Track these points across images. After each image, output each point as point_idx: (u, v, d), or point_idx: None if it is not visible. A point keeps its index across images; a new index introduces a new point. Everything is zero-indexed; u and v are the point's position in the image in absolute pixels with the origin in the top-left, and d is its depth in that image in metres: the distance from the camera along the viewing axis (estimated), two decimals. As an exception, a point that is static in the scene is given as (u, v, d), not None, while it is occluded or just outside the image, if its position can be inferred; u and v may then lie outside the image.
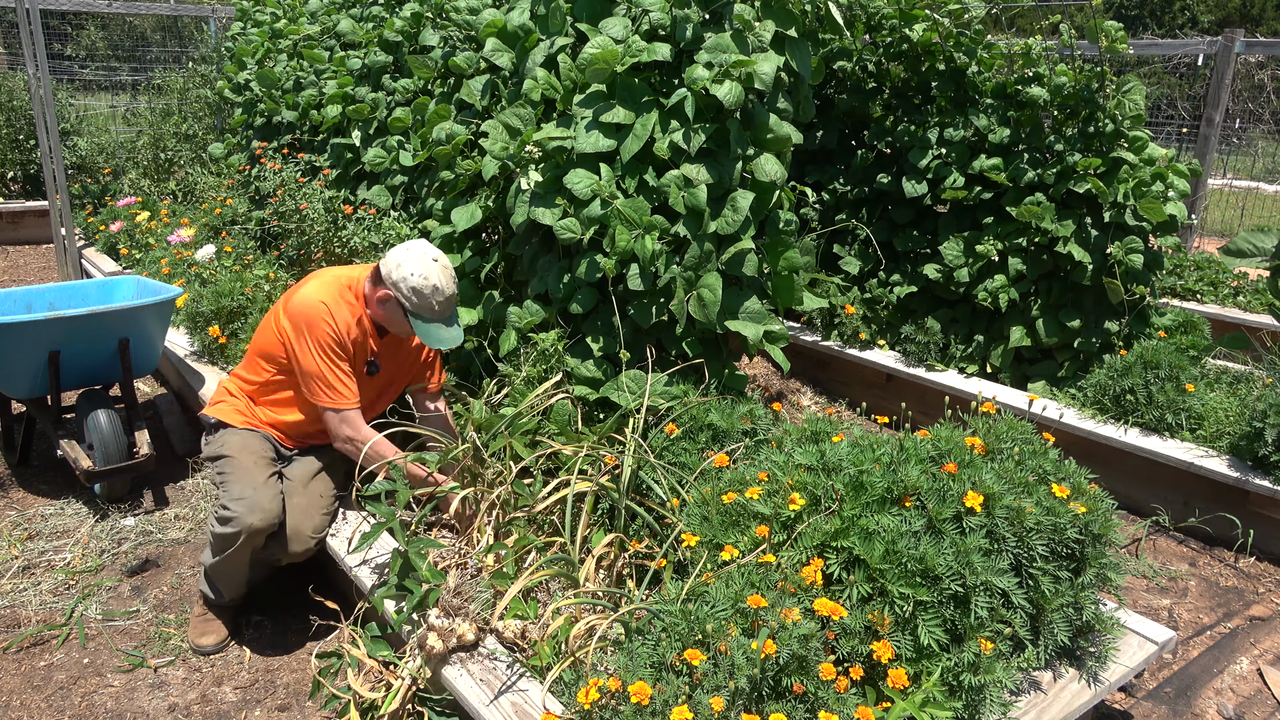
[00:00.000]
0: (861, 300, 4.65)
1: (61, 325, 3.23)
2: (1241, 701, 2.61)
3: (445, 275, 2.62)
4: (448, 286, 2.61)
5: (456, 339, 2.65)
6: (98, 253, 6.21)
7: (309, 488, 2.68)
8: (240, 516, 2.43)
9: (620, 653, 1.93)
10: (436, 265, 2.61)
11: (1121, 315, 4.06)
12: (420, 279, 2.57)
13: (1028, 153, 4.25)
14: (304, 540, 2.58)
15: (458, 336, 2.66)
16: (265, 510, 2.46)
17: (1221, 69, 6.11)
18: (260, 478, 2.55)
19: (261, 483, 2.53)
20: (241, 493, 2.48)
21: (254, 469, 2.58)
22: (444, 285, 2.60)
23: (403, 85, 4.52)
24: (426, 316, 2.61)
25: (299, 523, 2.58)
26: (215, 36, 9.05)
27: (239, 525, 2.43)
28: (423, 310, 2.60)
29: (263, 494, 2.49)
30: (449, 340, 2.64)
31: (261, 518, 2.44)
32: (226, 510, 2.46)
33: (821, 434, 2.39)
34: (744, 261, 2.96)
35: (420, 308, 2.59)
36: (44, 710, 2.42)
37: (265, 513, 2.45)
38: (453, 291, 2.63)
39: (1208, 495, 3.44)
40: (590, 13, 3.15)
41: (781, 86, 3.18)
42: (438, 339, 2.62)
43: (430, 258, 2.60)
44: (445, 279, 2.61)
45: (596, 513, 2.55)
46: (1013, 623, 1.97)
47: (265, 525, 2.46)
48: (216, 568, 2.56)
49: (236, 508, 2.44)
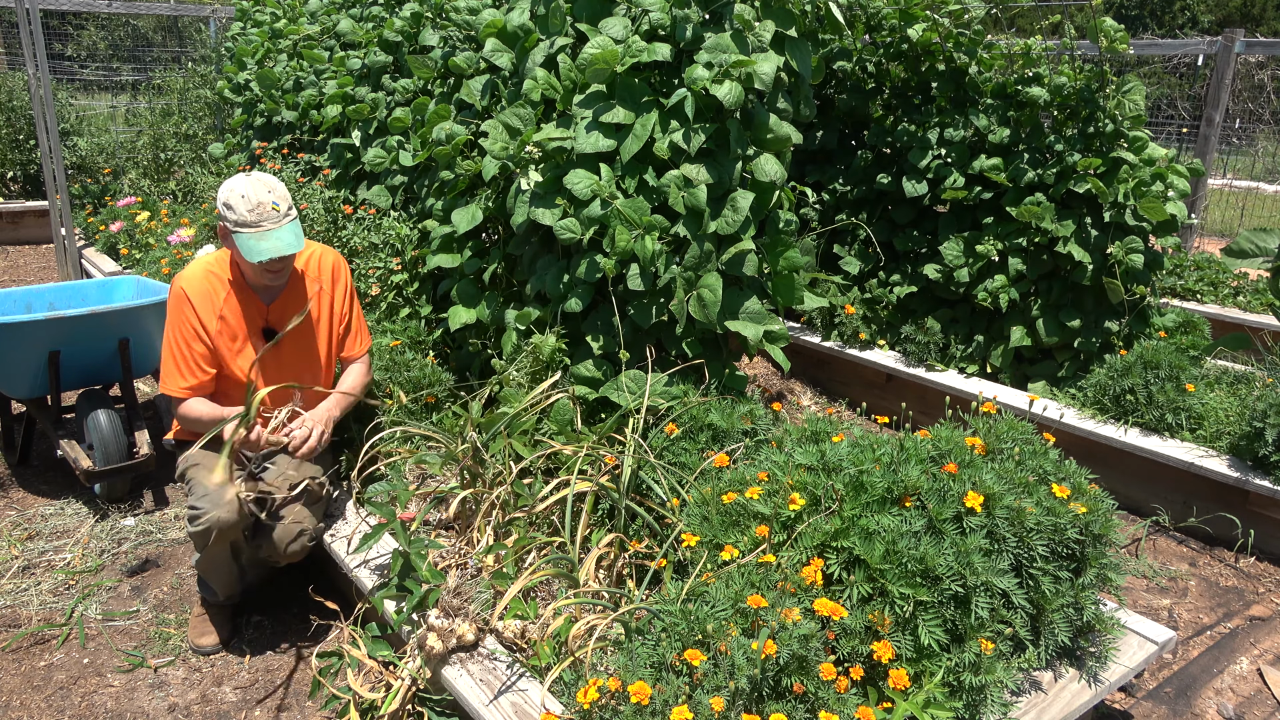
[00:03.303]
0: (861, 300, 4.65)
1: (61, 325, 3.23)
2: (1241, 701, 2.61)
3: (254, 184, 2.52)
4: (256, 193, 2.50)
5: (280, 246, 2.50)
6: (98, 253, 6.21)
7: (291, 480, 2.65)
8: (206, 511, 2.42)
9: (620, 653, 1.93)
10: (248, 178, 2.53)
11: (1122, 315, 4.06)
12: (227, 192, 2.50)
13: (1028, 153, 4.25)
14: (299, 540, 2.56)
15: (280, 244, 2.50)
16: (228, 506, 2.44)
17: (1221, 69, 6.11)
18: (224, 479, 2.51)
19: (223, 484, 2.49)
20: (205, 489, 2.46)
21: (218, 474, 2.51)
22: (251, 192, 2.49)
23: (403, 85, 4.52)
24: (245, 232, 2.49)
25: (291, 527, 2.55)
26: (215, 36, 9.04)
27: (208, 521, 2.42)
28: (240, 226, 2.49)
29: (225, 492, 2.46)
30: (269, 250, 2.48)
31: (228, 510, 2.43)
32: (193, 509, 2.46)
33: (821, 434, 2.39)
34: (744, 261, 2.96)
35: (238, 224, 2.49)
36: (44, 710, 2.42)
37: (228, 507, 2.43)
38: (264, 199, 2.51)
39: (1208, 495, 3.43)
40: (590, 13, 3.15)
41: (781, 86, 3.18)
42: (258, 250, 2.48)
43: (244, 174, 2.55)
44: (253, 187, 2.51)
45: (596, 513, 2.55)
46: (1013, 623, 1.97)
47: (232, 517, 2.44)
48: (202, 565, 2.56)
49: (202, 504, 2.44)
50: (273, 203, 2.53)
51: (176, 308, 2.63)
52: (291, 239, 2.53)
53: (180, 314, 2.62)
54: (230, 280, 2.68)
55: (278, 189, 2.56)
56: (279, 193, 2.56)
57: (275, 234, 2.51)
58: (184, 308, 2.62)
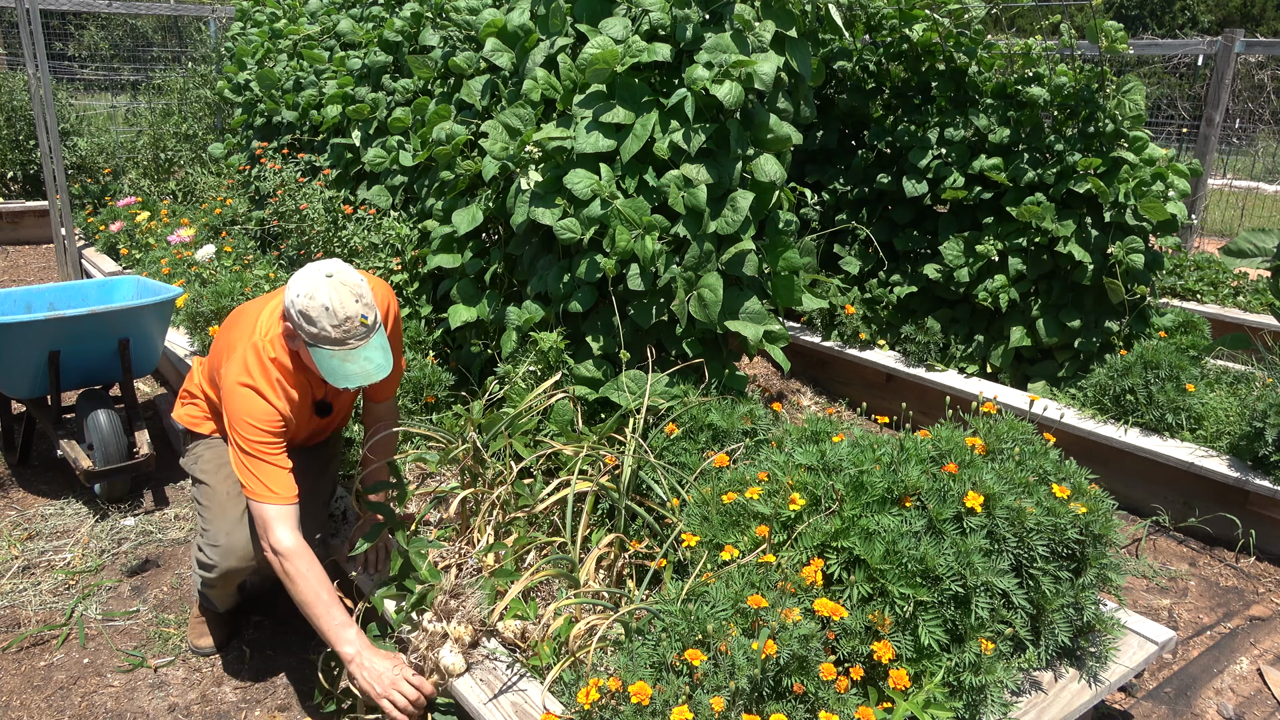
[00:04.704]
0: (861, 300, 4.65)
1: (61, 325, 3.23)
2: (1241, 701, 2.61)
3: (340, 293, 2.11)
4: (343, 306, 2.10)
5: (370, 372, 2.15)
6: (98, 253, 6.21)
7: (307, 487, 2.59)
8: (217, 563, 2.35)
9: (620, 653, 1.93)
10: (330, 283, 2.12)
11: (1122, 315, 4.06)
12: (306, 300, 2.10)
13: (1028, 153, 4.25)
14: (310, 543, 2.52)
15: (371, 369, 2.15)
16: (242, 554, 2.36)
17: (1221, 69, 6.11)
18: (238, 512, 2.40)
19: (238, 519, 2.39)
20: (216, 537, 2.36)
21: (230, 501, 2.42)
22: (337, 303, 2.10)
23: (403, 85, 4.52)
24: (325, 347, 2.12)
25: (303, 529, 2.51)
26: (215, 36, 9.04)
27: (217, 570, 2.36)
28: (320, 340, 2.12)
29: (238, 536, 2.35)
30: (357, 375, 2.14)
31: (238, 560, 2.35)
32: (203, 555, 2.37)
33: (822, 434, 2.39)
34: (744, 262, 2.96)
35: (316, 337, 2.11)
36: (44, 710, 2.42)
37: (242, 556, 2.36)
38: (352, 313, 2.12)
39: (1208, 495, 3.43)
40: (590, 13, 3.15)
41: (781, 86, 3.18)
42: (343, 375, 2.12)
43: (324, 273, 2.14)
44: (340, 296, 2.11)
45: (596, 513, 2.55)
46: (1013, 623, 1.97)
47: (243, 566, 2.38)
48: (204, 591, 2.53)
49: (213, 555, 2.35)
50: (361, 315, 2.13)
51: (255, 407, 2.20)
52: (381, 359, 2.17)
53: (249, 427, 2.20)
54: (286, 367, 2.29)
55: (365, 294, 2.16)
56: (366, 299, 2.15)
57: (363, 354, 2.15)
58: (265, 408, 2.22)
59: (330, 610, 2.10)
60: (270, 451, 2.20)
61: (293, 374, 2.30)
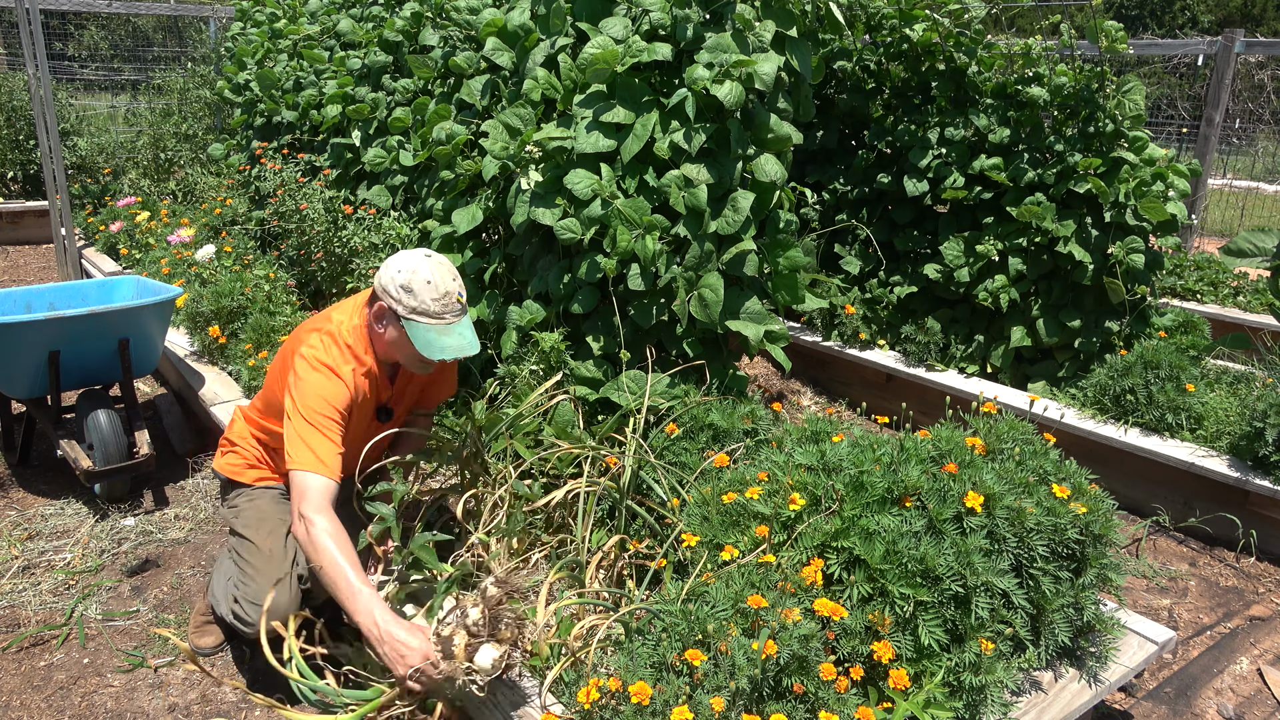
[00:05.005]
0: (862, 300, 4.65)
1: (61, 325, 3.23)
2: (1241, 701, 2.61)
3: (438, 268, 2.27)
4: (443, 281, 2.26)
5: (464, 347, 2.26)
6: (98, 253, 6.21)
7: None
8: (256, 622, 2.25)
9: (621, 653, 1.93)
10: (429, 260, 2.28)
11: (1122, 315, 4.06)
12: (409, 274, 2.23)
13: (1028, 153, 4.25)
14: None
15: (464, 344, 2.26)
16: (283, 614, 2.23)
17: (1221, 69, 6.11)
18: (279, 569, 2.33)
19: (279, 577, 2.30)
20: (257, 594, 2.28)
21: (273, 558, 2.36)
22: (438, 278, 2.25)
23: (403, 85, 4.52)
24: (422, 320, 2.24)
25: None
26: (215, 36, 9.04)
27: (253, 628, 2.28)
28: (418, 312, 2.23)
29: (282, 598, 2.26)
30: (454, 349, 2.24)
31: (278, 619, 2.25)
32: (240, 608, 2.30)
33: (822, 434, 2.39)
34: (744, 262, 2.96)
35: (415, 311, 2.23)
36: (44, 710, 2.42)
37: (283, 615, 2.23)
38: (451, 288, 2.27)
39: (1208, 495, 3.43)
40: (590, 11, 3.15)
41: (782, 86, 3.18)
42: (439, 347, 2.23)
43: (421, 254, 2.30)
44: (440, 273, 2.26)
45: (597, 512, 2.55)
46: (1013, 623, 1.97)
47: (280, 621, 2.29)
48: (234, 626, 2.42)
49: (252, 614, 2.28)
50: (458, 293, 2.28)
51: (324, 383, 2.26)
52: (471, 337, 2.28)
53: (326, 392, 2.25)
54: (360, 358, 2.36)
55: (458, 275, 2.32)
56: (459, 280, 2.32)
57: (458, 329, 2.26)
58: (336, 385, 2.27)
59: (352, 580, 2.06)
60: (329, 426, 2.23)
61: (365, 365, 2.36)
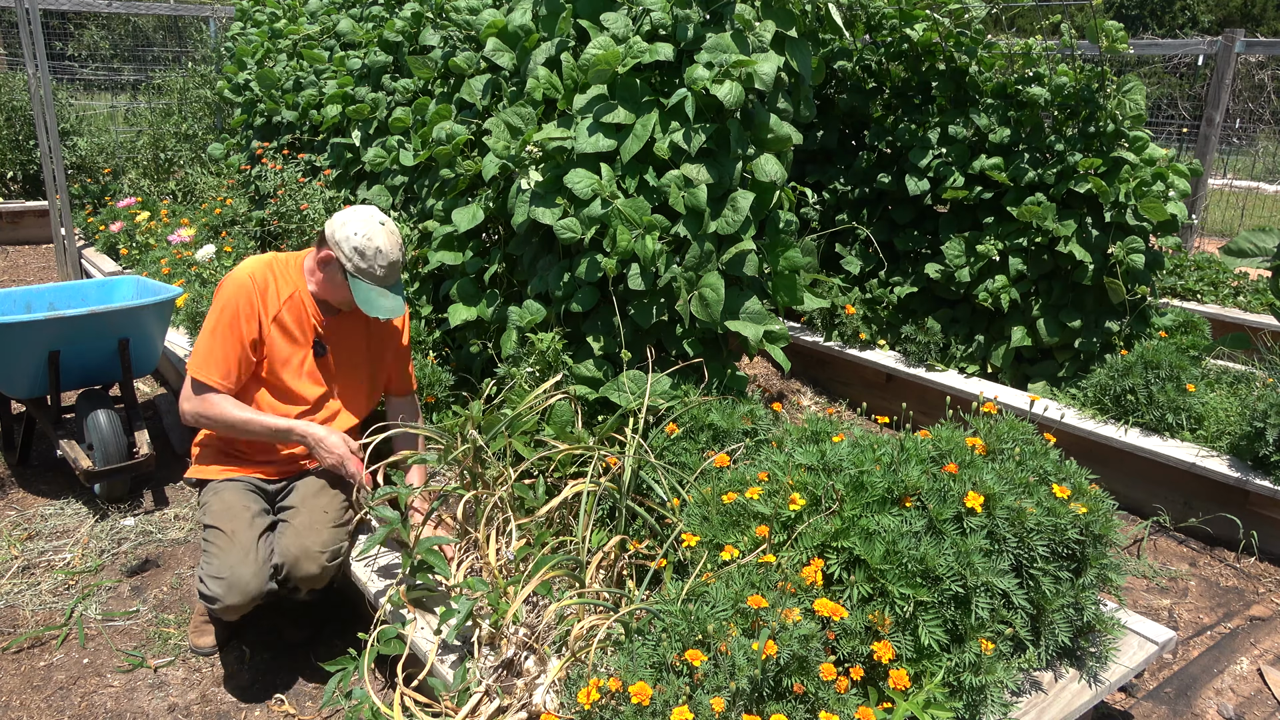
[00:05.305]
0: (862, 300, 4.65)
1: (61, 325, 3.23)
2: (1241, 702, 2.61)
3: (390, 239, 2.51)
4: (392, 251, 2.51)
5: (397, 309, 2.53)
6: (98, 253, 6.21)
7: (312, 503, 2.56)
8: (220, 596, 2.34)
9: (621, 653, 1.93)
10: (383, 229, 2.51)
11: (1122, 315, 4.06)
12: (363, 239, 2.47)
13: (1028, 152, 4.25)
14: (314, 558, 2.42)
15: (398, 306, 2.54)
16: (245, 589, 2.34)
17: (1222, 69, 6.11)
18: (243, 548, 2.40)
19: (242, 557, 2.38)
20: (220, 570, 2.36)
21: (236, 538, 2.42)
22: (388, 248, 2.50)
23: (403, 85, 4.52)
24: (367, 281, 2.50)
25: (306, 542, 2.43)
26: (215, 36, 9.04)
27: (220, 603, 2.35)
28: (363, 273, 2.49)
29: (243, 570, 2.36)
30: (388, 309, 2.52)
31: (241, 596, 2.34)
32: (206, 587, 2.37)
33: (822, 434, 2.39)
34: (744, 262, 2.96)
35: (361, 270, 2.49)
36: (44, 710, 2.42)
37: (244, 592, 2.34)
38: (397, 258, 2.53)
39: (1208, 495, 3.43)
40: (591, 10, 3.15)
41: (782, 86, 3.18)
42: (377, 306, 2.50)
43: (377, 220, 2.52)
44: (390, 243, 2.51)
45: (597, 513, 2.55)
46: (1013, 623, 1.97)
47: (245, 601, 2.36)
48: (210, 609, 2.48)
49: (216, 588, 2.34)
50: (403, 263, 2.58)
51: (236, 293, 2.53)
52: (401, 303, 2.57)
53: (238, 300, 2.52)
54: (301, 284, 2.63)
55: (404, 245, 2.58)
56: (404, 249, 2.60)
57: (393, 292, 2.55)
58: (247, 294, 2.53)
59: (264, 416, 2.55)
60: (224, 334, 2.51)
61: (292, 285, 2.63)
